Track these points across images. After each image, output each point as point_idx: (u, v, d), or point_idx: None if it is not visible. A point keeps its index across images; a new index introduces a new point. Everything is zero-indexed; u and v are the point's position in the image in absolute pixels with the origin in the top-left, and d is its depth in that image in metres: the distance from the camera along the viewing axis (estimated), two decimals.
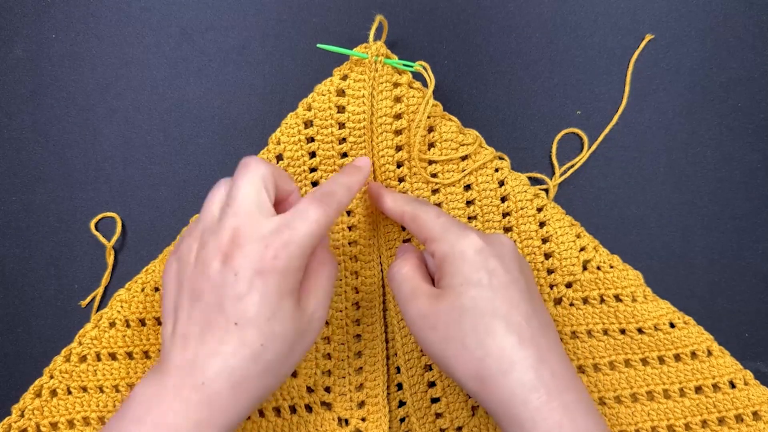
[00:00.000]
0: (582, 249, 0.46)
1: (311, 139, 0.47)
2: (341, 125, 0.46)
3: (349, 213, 0.47)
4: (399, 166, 0.47)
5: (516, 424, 0.34)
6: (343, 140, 0.46)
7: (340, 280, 0.47)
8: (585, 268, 0.46)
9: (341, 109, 0.46)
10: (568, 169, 0.49)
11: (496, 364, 0.35)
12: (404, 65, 0.46)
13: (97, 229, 0.49)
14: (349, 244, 0.47)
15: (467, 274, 0.37)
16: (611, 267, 0.46)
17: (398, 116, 0.46)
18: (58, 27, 0.51)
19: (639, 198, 0.49)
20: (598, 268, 0.46)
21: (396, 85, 0.46)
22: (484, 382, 0.35)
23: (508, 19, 0.50)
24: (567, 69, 0.50)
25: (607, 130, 0.49)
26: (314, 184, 0.47)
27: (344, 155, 0.47)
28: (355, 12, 0.50)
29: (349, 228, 0.47)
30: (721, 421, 0.44)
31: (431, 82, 0.45)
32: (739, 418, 0.44)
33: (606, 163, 0.49)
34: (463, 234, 0.38)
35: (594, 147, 0.49)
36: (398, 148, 0.47)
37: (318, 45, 0.45)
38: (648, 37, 0.50)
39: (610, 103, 0.50)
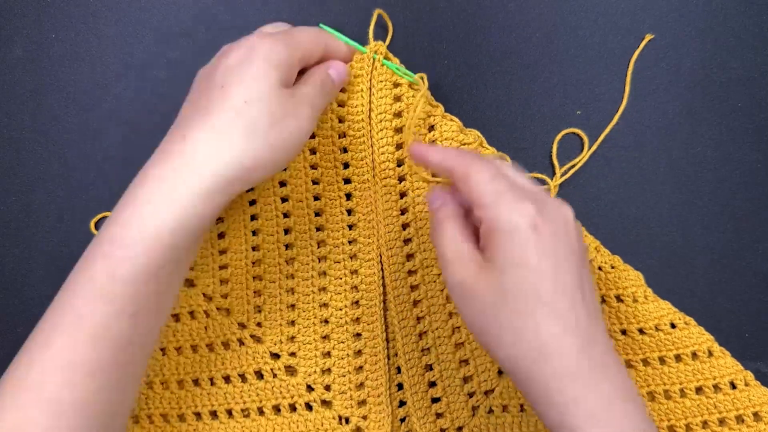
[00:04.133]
0: None
1: (312, 136, 0.47)
2: (341, 119, 0.46)
3: (349, 212, 0.48)
4: (399, 164, 0.47)
5: (549, 409, 0.34)
6: (343, 135, 0.47)
7: (340, 278, 0.47)
8: None
9: (341, 104, 0.46)
10: (569, 169, 0.49)
11: (534, 351, 0.34)
12: (404, 74, 0.46)
13: (96, 228, 0.49)
14: (349, 242, 0.47)
15: (514, 253, 0.34)
16: (612, 267, 0.46)
17: (398, 114, 0.46)
18: (58, 27, 0.51)
19: (639, 198, 0.49)
20: (600, 268, 0.46)
21: (396, 84, 0.46)
22: (519, 366, 0.34)
23: (508, 19, 0.50)
24: (567, 69, 0.50)
25: (607, 130, 0.49)
26: (315, 182, 0.47)
27: (344, 150, 0.47)
28: (355, 12, 0.50)
29: (349, 227, 0.47)
30: (721, 421, 0.44)
31: (424, 88, 0.45)
32: (739, 419, 0.44)
33: (606, 163, 0.49)
34: (516, 205, 0.34)
35: (595, 147, 0.49)
36: (398, 146, 0.47)
37: (320, 24, 0.46)
38: (648, 37, 0.50)
39: (610, 103, 0.50)
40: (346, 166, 0.47)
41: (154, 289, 0.36)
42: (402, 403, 0.47)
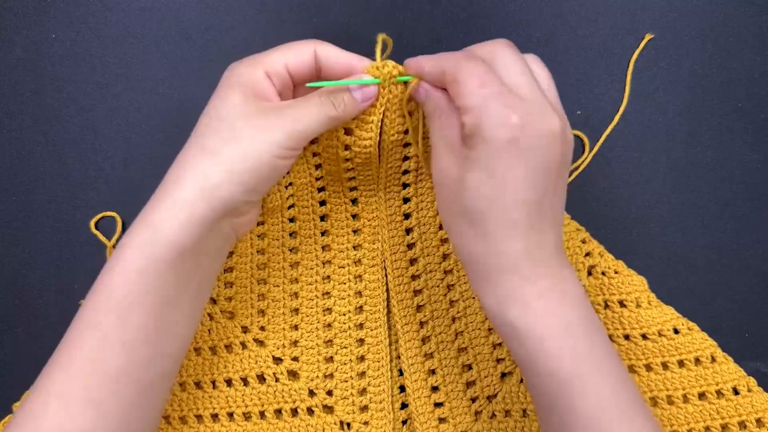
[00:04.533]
0: (587, 254, 0.46)
1: (316, 154, 0.46)
2: (347, 147, 0.44)
3: (354, 217, 0.47)
4: (405, 172, 0.46)
5: (488, 298, 0.36)
6: (349, 159, 0.45)
7: (344, 284, 0.47)
8: (590, 274, 0.46)
9: (348, 132, 0.43)
10: (572, 171, 0.49)
11: (482, 248, 0.35)
12: None
13: (97, 228, 0.49)
14: (354, 247, 0.47)
15: (486, 160, 0.34)
16: (616, 272, 0.46)
17: (408, 131, 0.44)
18: (58, 27, 0.51)
19: (639, 198, 0.49)
20: (603, 273, 0.46)
21: (409, 99, 0.42)
22: (467, 255, 0.36)
23: (508, 19, 0.50)
24: (567, 69, 0.50)
25: (608, 131, 0.49)
26: (320, 189, 0.47)
27: (350, 170, 0.46)
28: (355, 12, 0.50)
29: (354, 231, 0.47)
30: (724, 427, 0.44)
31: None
32: (742, 425, 0.44)
33: (606, 163, 0.49)
34: (500, 115, 0.34)
35: (596, 148, 0.49)
36: (405, 158, 0.45)
37: (307, 84, 0.40)
38: (648, 37, 0.50)
39: (610, 103, 0.50)
40: (351, 178, 0.47)
41: (145, 318, 0.36)
42: (404, 405, 0.47)
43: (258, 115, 0.38)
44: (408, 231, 0.47)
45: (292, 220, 0.47)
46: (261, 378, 0.46)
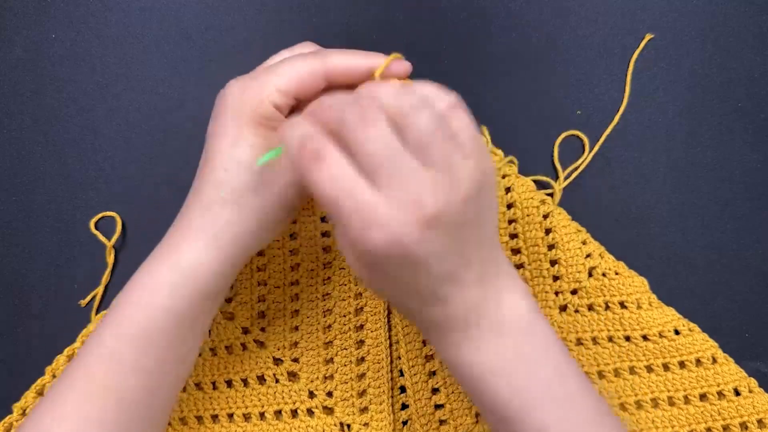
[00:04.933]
0: (588, 255, 0.46)
1: None
2: None
3: None
4: None
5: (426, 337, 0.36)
6: None
7: (344, 285, 0.47)
8: (590, 275, 0.46)
9: None
10: (572, 172, 0.49)
11: (418, 323, 0.35)
12: None
13: (97, 228, 0.49)
14: None
15: (352, 264, 0.33)
16: (616, 274, 0.46)
17: None
18: (58, 27, 0.51)
19: (639, 198, 0.49)
20: (604, 274, 0.46)
21: None
22: (397, 306, 0.36)
23: (508, 19, 0.50)
24: (567, 69, 0.50)
25: (608, 131, 0.49)
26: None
27: None
28: (355, 12, 0.50)
29: None
30: (725, 428, 0.44)
31: None
32: (743, 426, 0.44)
33: (606, 164, 0.49)
34: (343, 231, 0.30)
35: (596, 148, 0.49)
36: None
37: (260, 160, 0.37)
38: (648, 37, 0.50)
39: (610, 103, 0.50)
40: None
41: (164, 350, 0.37)
42: (404, 406, 0.47)
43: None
44: None
45: (293, 221, 0.47)
46: (261, 379, 0.46)
